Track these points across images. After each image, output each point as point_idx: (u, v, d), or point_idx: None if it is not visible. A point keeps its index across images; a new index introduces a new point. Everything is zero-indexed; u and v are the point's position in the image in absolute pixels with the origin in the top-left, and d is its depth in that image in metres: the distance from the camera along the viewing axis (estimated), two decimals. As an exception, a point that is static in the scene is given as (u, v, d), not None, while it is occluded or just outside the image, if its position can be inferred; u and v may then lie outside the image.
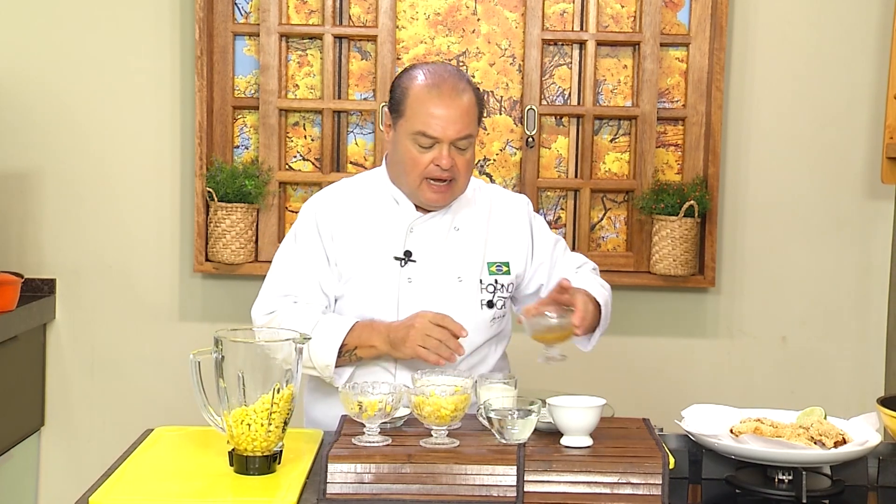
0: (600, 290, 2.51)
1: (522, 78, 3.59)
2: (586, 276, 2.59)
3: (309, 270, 2.51)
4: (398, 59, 3.59)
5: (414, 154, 2.41)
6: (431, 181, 2.42)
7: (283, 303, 2.50)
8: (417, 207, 2.51)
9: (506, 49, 3.60)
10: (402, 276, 2.48)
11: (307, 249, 2.52)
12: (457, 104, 2.39)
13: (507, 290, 2.54)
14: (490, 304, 2.51)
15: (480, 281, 2.51)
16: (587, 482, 1.88)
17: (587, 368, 3.27)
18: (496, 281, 2.52)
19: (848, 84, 3.60)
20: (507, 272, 2.54)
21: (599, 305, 2.45)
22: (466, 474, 1.89)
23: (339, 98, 3.61)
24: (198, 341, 2.36)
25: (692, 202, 3.47)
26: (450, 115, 2.38)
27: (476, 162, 3.40)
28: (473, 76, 3.56)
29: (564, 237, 3.53)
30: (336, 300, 2.53)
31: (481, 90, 2.68)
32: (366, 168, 3.61)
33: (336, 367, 2.42)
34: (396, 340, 2.36)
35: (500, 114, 3.62)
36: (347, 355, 2.42)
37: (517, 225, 2.58)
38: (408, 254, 2.48)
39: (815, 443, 2.04)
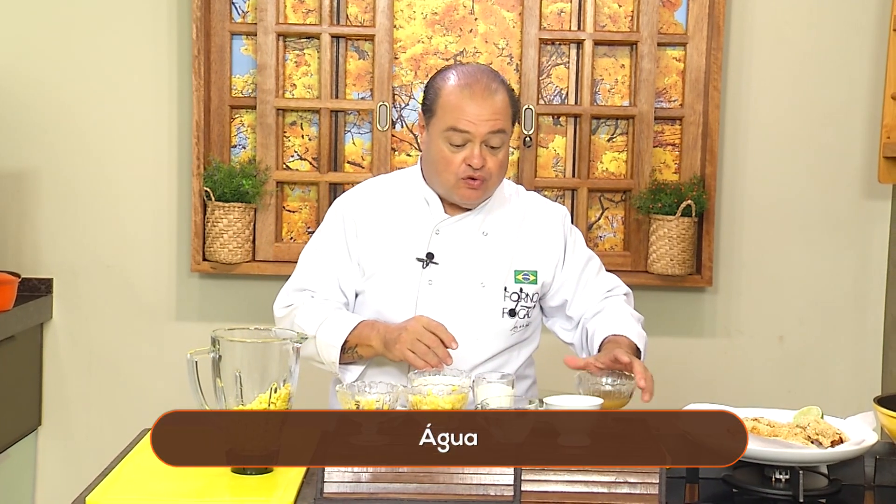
0: (639, 330, 2.47)
1: (520, 77, 3.59)
2: (620, 309, 2.55)
3: (329, 266, 2.52)
4: (395, 58, 3.59)
5: (446, 154, 2.40)
6: (465, 179, 2.41)
7: (301, 297, 2.52)
8: (447, 209, 2.50)
9: (503, 49, 3.60)
10: (423, 277, 2.48)
11: (329, 245, 2.53)
12: (489, 103, 2.38)
13: (531, 300, 2.52)
14: (512, 313, 2.49)
15: (505, 288, 2.50)
16: (584, 481, 1.88)
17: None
18: (521, 290, 2.50)
19: (845, 83, 3.60)
20: (534, 281, 2.52)
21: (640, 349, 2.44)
22: (464, 474, 1.89)
23: (337, 98, 3.61)
24: (195, 341, 2.36)
25: (689, 202, 3.47)
26: (481, 114, 2.37)
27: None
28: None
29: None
30: (357, 296, 2.53)
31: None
32: (363, 168, 3.61)
33: (342, 363, 2.44)
34: (389, 341, 2.36)
35: (498, 113, 3.62)
36: (350, 352, 2.43)
37: (550, 234, 2.56)
38: (430, 256, 2.48)
39: (811, 442, 2.04)
